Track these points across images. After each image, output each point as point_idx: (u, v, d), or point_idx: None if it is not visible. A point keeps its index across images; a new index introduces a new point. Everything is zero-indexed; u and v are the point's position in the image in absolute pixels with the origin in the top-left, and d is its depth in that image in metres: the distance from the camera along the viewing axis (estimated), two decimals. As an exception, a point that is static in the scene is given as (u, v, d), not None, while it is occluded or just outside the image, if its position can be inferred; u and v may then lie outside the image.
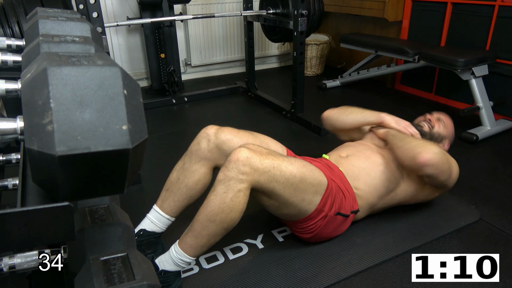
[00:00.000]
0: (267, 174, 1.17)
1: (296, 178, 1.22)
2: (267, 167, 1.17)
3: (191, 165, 1.38)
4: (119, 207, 0.67)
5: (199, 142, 1.39)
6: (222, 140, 1.37)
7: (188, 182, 1.37)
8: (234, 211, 1.15)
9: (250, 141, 1.39)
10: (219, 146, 1.37)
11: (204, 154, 1.38)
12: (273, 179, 1.18)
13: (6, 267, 0.53)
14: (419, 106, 3.02)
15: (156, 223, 1.37)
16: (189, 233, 1.20)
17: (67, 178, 0.46)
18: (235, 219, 1.17)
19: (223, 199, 1.14)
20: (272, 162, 1.18)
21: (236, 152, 1.17)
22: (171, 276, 1.23)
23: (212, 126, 1.41)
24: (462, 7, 2.77)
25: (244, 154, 1.16)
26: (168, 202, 1.38)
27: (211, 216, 1.15)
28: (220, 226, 1.17)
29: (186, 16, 2.89)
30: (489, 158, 2.20)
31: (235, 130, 1.42)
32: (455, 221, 1.59)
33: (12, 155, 0.86)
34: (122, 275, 0.50)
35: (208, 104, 3.16)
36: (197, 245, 1.19)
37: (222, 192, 1.15)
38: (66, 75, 0.45)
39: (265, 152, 1.20)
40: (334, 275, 1.32)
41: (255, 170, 1.15)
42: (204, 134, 1.39)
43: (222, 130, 1.39)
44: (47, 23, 0.68)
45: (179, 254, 1.21)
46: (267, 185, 1.18)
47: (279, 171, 1.19)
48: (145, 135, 0.50)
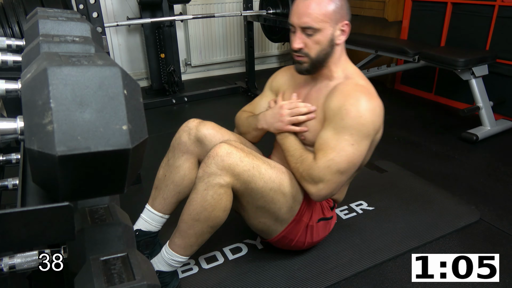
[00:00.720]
0: (247, 174, 1.13)
1: (275, 183, 1.17)
2: (246, 165, 1.13)
3: (175, 161, 1.35)
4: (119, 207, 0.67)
5: (180, 136, 1.35)
6: (203, 133, 1.32)
7: (174, 178, 1.34)
8: (217, 209, 1.13)
9: (232, 138, 1.35)
10: (200, 140, 1.32)
11: (186, 148, 1.33)
12: (252, 180, 1.14)
13: (6, 267, 0.53)
14: (419, 106, 3.02)
15: (150, 222, 1.37)
16: (176, 233, 1.19)
17: (67, 178, 0.46)
18: (220, 217, 1.15)
19: (204, 197, 1.12)
20: (252, 161, 1.14)
21: (216, 147, 1.14)
22: (167, 276, 1.23)
23: (194, 119, 1.37)
24: (462, 7, 2.77)
25: (224, 149, 1.12)
26: (158, 200, 1.36)
27: (194, 215, 1.14)
28: (205, 225, 1.15)
29: (186, 16, 2.89)
30: (489, 158, 2.20)
31: (218, 126, 1.37)
32: (455, 221, 1.59)
33: (12, 155, 0.86)
34: (122, 275, 0.50)
35: (208, 104, 3.16)
36: (186, 244, 1.18)
37: (203, 189, 1.12)
38: (66, 75, 0.45)
39: (246, 151, 1.17)
40: (334, 275, 1.32)
41: (235, 166, 1.11)
42: (185, 128, 1.35)
43: (204, 123, 1.35)
44: (47, 23, 0.68)
45: (170, 254, 1.20)
46: (246, 185, 1.14)
47: (258, 172, 1.14)
48: (145, 135, 0.50)
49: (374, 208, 1.70)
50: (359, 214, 1.66)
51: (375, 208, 1.69)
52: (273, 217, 1.23)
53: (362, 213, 1.66)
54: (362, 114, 1.12)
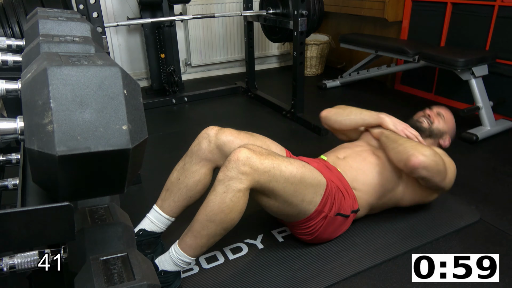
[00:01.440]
0: (267, 174, 1.17)
1: (295, 178, 1.22)
2: (267, 167, 1.17)
3: (191, 166, 1.38)
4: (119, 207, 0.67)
5: (199, 143, 1.39)
6: (222, 141, 1.37)
7: (188, 182, 1.37)
8: (234, 211, 1.15)
9: (251, 142, 1.39)
10: (219, 147, 1.37)
11: (204, 155, 1.38)
12: (273, 179, 1.18)
13: (6, 267, 0.53)
14: (419, 106, 3.01)
15: (156, 223, 1.38)
16: (188, 233, 1.20)
17: (67, 178, 0.46)
18: (234, 219, 1.17)
19: (222, 199, 1.14)
20: (272, 162, 1.18)
21: (236, 152, 1.17)
22: (170, 276, 1.23)
23: (213, 127, 1.41)
24: (462, 7, 2.77)
25: (244, 154, 1.16)
26: (168, 202, 1.38)
27: (210, 216, 1.15)
28: (219, 226, 1.17)
29: (186, 16, 2.89)
30: (489, 158, 2.19)
31: (236, 131, 1.42)
32: (455, 222, 1.59)
33: (12, 155, 0.86)
34: (122, 275, 0.50)
35: (208, 104, 3.16)
36: (197, 245, 1.19)
37: (222, 192, 1.15)
38: (66, 75, 0.45)
39: (265, 153, 1.20)
40: (334, 275, 1.32)
41: (255, 170, 1.15)
42: (205, 135, 1.39)
43: (223, 131, 1.39)
44: (47, 23, 0.68)
45: (179, 254, 1.21)
46: (267, 185, 1.18)
47: (279, 171, 1.19)
48: (145, 135, 0.50)
49: (374, 208, 1.69)
50: (359, 214, 1.66)
51: (375, 208, 1.69)
52: (295, 209, 1.28)
53: (362, 213, 1.66)
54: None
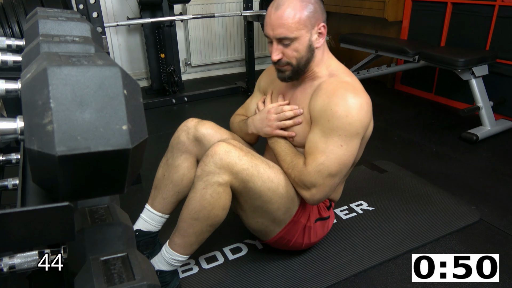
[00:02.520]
0: (245, 172, 1.11)
1: (273, 183, 1.16)
2: (245, 164, 1.12)
3: (174, 160, 1.35)
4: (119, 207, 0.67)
5: (178, 136, 1.35)
6: (202, 133, 1.32)
7: (173, 177, 1.34)
8: (216, 207, 1.12)
9: (231, 138, 1.35)
10: (198, 139, 1.32)
11: (184, 148, 1.33)
12: (251, 179, 1.12)
13: (6, 267, 0.53)
14: (419, 106, 3.02)
15: (150, 222, 1.37)
16: (176, 233, 1.19)
17: (67, 178, 0.46)
18: (219, 215, 1.14)
19: (202, 196, 1.11)
20: (251, 161, 1.13)
21: (215, 146, 1.13)
22: (167, 275, 1.23)
23: (193, 119, 1.37)
24: (462, 7, 2.77)
25: (222, 148, 1.11)
26: (158, 199, 1.36)
27: (193, 214, 1.14)
28: (205, 223, 1.14)
29: (186, 16, 2.89)
30: (489, 158, 2.20)
31: (217, 126, 1.37)
32: (456, 222, 1.59)
33: (12, 155, 0.86)
34: (122, 275, 0.50)
35: (208, 104, 3.16)
36: (186, 243, 1.18)
37: (201, 188, 1.12)
38: (66, 75, 0.45)
39: (245, 150, 1.15)
40: (334, 275, 1.32)
41: (233, 164, 1.10)
42: (183, 127, 1.35)
43: (203, 123, 1.35)
44: (47, 23, 0.68)
45: (170, 253, 1.21)
46: (244, 184, 1.13)
47: (257, 171, 1.13)
48: (145, 135, 0.50)
49: (374, 208, 1.70)
50: (359, 214, 1.66)
51: (375, 208, 1.69)
52: (270, 218, 1.23)
53: (362, 213, 1.66)
54: (349, 113, 1.09)
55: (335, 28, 3.93)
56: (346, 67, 1.26)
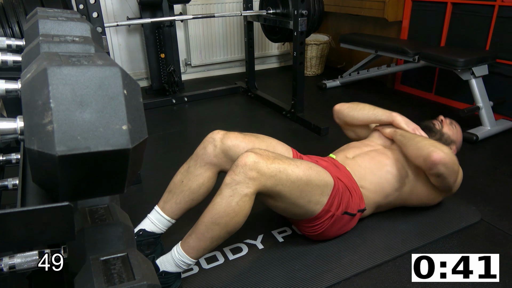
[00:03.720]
0: (274, 178, 1.17)
1: (302, 181, 1.22)
2: (273, 171, 1.17)
3: (196, 169, 1.38)
4: (119, 207, 0.67)
5: (205, 147, 1.39)
6: (228, 145, 1.37)
7: (192, 185, 1.37)
8: (239, 215, 1.16)
9: (257, 145, 1.40)
10: (225, 152, 1.37)
11: (209, 159, 1.38)
12: (280, 182, 1.19)
13: (6, 267, 0.53)
14: (419, 106, 3.02)
15: (156, 223, 1.37)
16: (192, 235, 1.20)
17: (67, 178, 0.46)
18: (239, 223, 1.18)
19: (229, 203, 1.15)
20: (279, 166, 1.19)
21: (244, 156, 1.17)
22: (171, 277, 1.23)
23: (219, 131, 1.41)
24: (462, 7, 2.77)
25: (251, 158, 1.16)
26: (170, 204, 1.38)
27: (216, 219, 1.16)
28: (224, 230, 1.17)
29: (186, 16, 2.89)
30: (489, 158, 2.20)
31: (241, 134, 1.42)
32: (456, 222, 1.59)
33: (12, 155, 0.86)
34: (122, 275, 0.50)
35: (208, 104, 3.16)
36: (200, 247, 1.19)
37: (229, 195, 1.15)
38: (66, 75, 0.45)
39: (272, 157, 1.21)
40: (334, 276, 1.32)
41: (262, 174, 1.16)
42: (210, 139, 1.39)
43: (229, 135, 1.39)
44: (47, 23, 0.68)
45: (181, 255, 1.21)
46: (274, 188, 1.19)
47: (285, 175, 1.19)
48: (145, 135, 0.50)
49: (374, 208, 1.69)
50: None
51: (375, 208, 1.69)
52: (301, 210, 1.30)
53: (362, 213, 1.66)
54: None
55: (335, 28, 3.93)
56: None
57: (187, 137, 2.55)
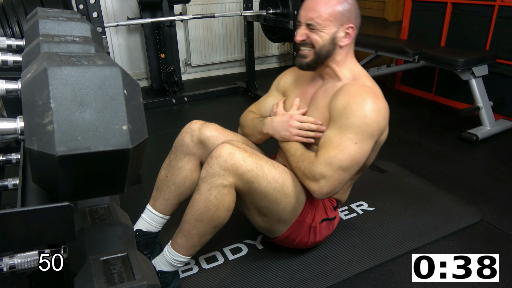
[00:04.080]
0: (250, 173, 1.12)
1: (278, 183, 1.17)
2: (249, 165, 1.13)
3: (177, 162, 1.35)
4: (119, 207, 0.67)
5: (182, 138, 1.35)
6: (206, 135, 1.33)
7: (176, 179, 1.34)
8: (221, 209, 1.13)
9: (235, 139, 1.35)
10: (203, 142, 1.33)
11: (188, 150, 1.34)
12: (256, 180, 1.13)
13: (6, 267, 0.53)
14: (419, 106, 3.02)
15: (151, 222, 1.37)
16: (179, 234, 1.19)
17: (67, 178, 0.46)
18: (222, 217, 1.15)
19: (207, 197, 1.12)
20: (255, 161, 1.14)
21: (219, 148, 1.13)
22: (168, 276, 1.23)
23: (197, 121, 1.37)
24: (462, 7, 2.77)
25: (227, 149, 1.12)
26: (160, 200, 1.36)
27: (197, 216, 1.14)
28: (208, 225, 1.15)
29: (186, 16, 2.89)
30: (489, 158, 2.19)
31: (221, 127, 1.38)
32: (456, 223, 1.59)
33: (12, 155, 0.86)
34: (122, 275, 0.50)
35: (208, 104, 3.15)
36: (189, 244, 1.18)
37: (206, 190, 1.12)
38: (66, 75, 0.45)
39: (249, 151, 1.16)
40: (334, 276, 1.32)
41: (238, 166, 1.11)
42: (188, 130, 1.35)
43: (207, 125, 1.35)
44: (47, 23, 0.68)
45: (172, 254, 1.20)
46: (250, 185, 1.14)
47: (262, 172, 1.14)
48: (145, 135, 0.50)
49: (375, 208, 1.70)
50: (360, 214, 1.66)
51: (375, 209, 1.69)
52: (276, 217, 1.24)
53: (363, 213, 1.66)
54: (367, 114, 1.13)
55: (335, 28, 3.93)
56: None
57: (187, 137, 2.55)
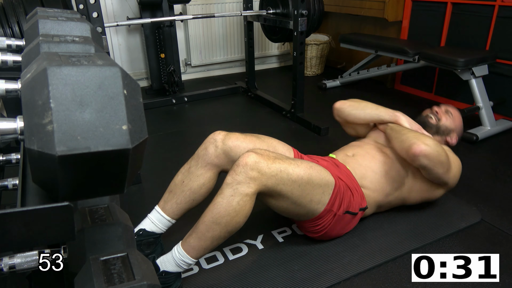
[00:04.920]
0: (274, 178, 1.18)
1: (303, 180, 1.23)
2: (274, 171, 1.18)
3: (197, 169, 1.39)
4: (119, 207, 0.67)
5: (206, 148, 1.39)
6: (229, 146, 1.37)
7: (193, 185, 1.38)
8: (240, 215, 1.16)
9: (258, 145, 1.40)
10: (226, 152, 1.38)
11: (210, 159, 1.38)
12: (280, 182, 1.19)
13: (6, 267, 0.53)
14: (419, 106, 3.01)
15: (157, 223, 1.37)
16: (193, 234, 1.20)
17: (67, 178, 0.46)
18: (240, 223, 1.18)
19: (229, 202, 1.15)
20: (279, 166, 1.20)
21: (245, 156, 1.18)
22: (171, 277, 1.23)
23: (220, 132, 1.42)
24: (462, 7, 2.77)
25: (252, 158, 1.17)
26: (171, 204, 1.38)
27: (216, 218, 1.16)
28: (224, 229, 1.17)
29: (186, 16, 2.89)
30: (489, 158, 2.20)
31: (242, 135, 1.42)
32: (456, 223, 1.59)
33: (12, 155, 0.86)
34: (122, 275, 0.50)
35: (208, 104, 3.16)
36: (200, 247, 1.20)
37: (229, 195, 1.16)
38: (66, 75, 0.45)
39: (273, 156, 1.22)
40: (334, 276, 1.32)
41: (263, 174, 1.16)
42: (212, 140, 1.40)
43: (230, 136, 1.40)
44: (47, 23, 0.68)
45: (181, 255, 1.21)
46: (275, 188, 1.19)
47: (286, 174, 1.20)
48: (145, 135, 0.50)
49: (374, 208, 1.69)
50: (359, 214, 1.65)
51: (375, 208, 1.69)
52: (303, 209, 1.30)
53: (362, 213, 1.66)
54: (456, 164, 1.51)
55: (335, 28, 3.93)
56: None
57: (187, 137, 2.55)
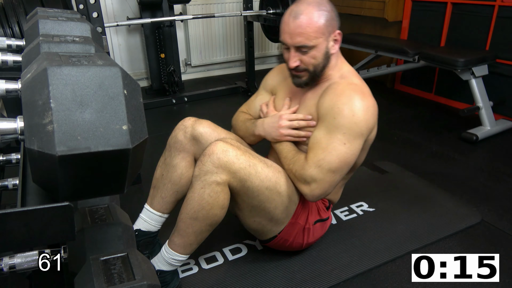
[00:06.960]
0: (243, 171, 1.12)
1: (271, 182, 1.16)
2: (243, 163, 1.12)
3: (171, 160, 1.35)
4: (119, 207, 0.68)
5: (176, 135, 1.35)
6: (199, 132, 1.32)
7: (171, 177, 1.34)
8: (215, 207, 1.13)
9: (228, 137, 1.35)
10: (196, 138, 1.32)
11: (182, 147, 1.33)
12: (248, 178, 1.13)
13: (6, 267, 0.53)
14: (419, 106, 3.02)
15: (149, 221, 1.37)
16: (175, 233, 1.19)
17: (67, 178, 0.46)
18: (218, 215, 1.15)
19: (201, 196, 1.12)
20: (248, 160, 1.14)
21: (212, 145, 1.13)
22: (168, 275, 1.23)
23: (190, 118, 1.37)
24: (462, 7, 2.77)
25: (220, 147, 1.11)
26: (157, 199, 1.36)
27: (192, 214, 1.14)
28: (204, 223, 1.15)
29: (186, 16, 2.89)
30: (489, 158, 2.19)
31: (214, 124, 1.37)
32: (456, 223, 1.59)
33: (12, 155, 0.86)
34: (122, 275, 0.50)
35: (208, 104, 3.15)
36: (185, 243, 1.18)
37: (199, 188, 1.12)
38: (66, 75, 0.45)
39: (243, 149, 1.15)
40: (334, 277, 1.32)
41: (231, 164, 1.10)
42: (181, 126, 1.35)
43: (200, 122, 1.35)
44: (47, 23, 0.68)
45: (170, 253, 1.20)
46: (242, 183, 1.13)
47: (255, 170, 1.14)
48: (145, 135, 0.50)
49: (375, 209, 1.69)
50: (360, 215, 1.66)
51: (375, 209, 1.69)
52: (268, 217, 1.23)
53: (363, 214, 1.66)
54: (355, 113, 1.12)
55: (335, 28, 3.93)
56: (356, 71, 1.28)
57: (187, 137, 2.55)
